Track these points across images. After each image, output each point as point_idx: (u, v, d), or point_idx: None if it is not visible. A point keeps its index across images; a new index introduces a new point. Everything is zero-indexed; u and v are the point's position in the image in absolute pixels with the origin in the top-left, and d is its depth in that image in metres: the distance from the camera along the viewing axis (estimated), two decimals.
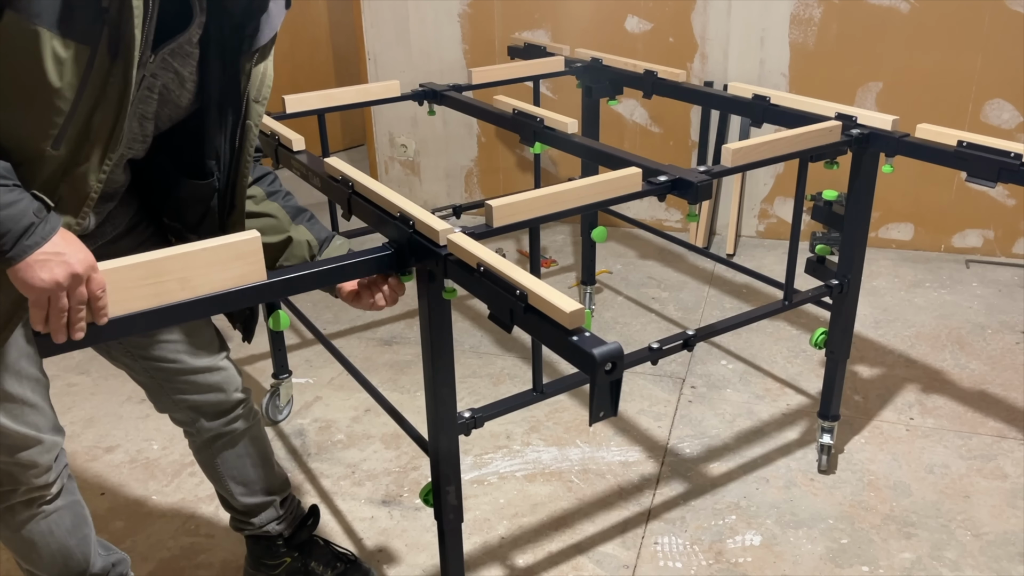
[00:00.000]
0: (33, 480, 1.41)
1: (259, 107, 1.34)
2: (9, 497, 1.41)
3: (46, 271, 1.07)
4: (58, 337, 1.10)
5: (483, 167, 3.97)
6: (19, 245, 1.07)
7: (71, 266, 1.08)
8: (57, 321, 1.09)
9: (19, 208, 1.07)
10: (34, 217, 1.08)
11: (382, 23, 3.82)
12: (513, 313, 1.12)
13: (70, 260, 1.09)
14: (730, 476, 2.16)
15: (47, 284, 1.07)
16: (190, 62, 1.27)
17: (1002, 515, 2.00)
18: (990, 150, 1.61)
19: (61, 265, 1.08)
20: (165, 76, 1.25)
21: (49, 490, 1.45)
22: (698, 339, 1.76)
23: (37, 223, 1.09)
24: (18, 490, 1.41)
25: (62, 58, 1.07)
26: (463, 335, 2.89)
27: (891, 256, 3.42)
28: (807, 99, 1.94)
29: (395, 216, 1.36)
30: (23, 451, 1.36)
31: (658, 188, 1.55)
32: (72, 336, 1.11)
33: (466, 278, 1.21)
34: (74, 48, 1.07)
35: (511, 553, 1.94)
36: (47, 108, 1.10)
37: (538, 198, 1.41)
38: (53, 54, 1.06)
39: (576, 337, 1.02)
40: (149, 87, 1.24)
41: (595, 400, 1.02)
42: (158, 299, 1.16)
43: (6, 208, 1.06)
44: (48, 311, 1.09)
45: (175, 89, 1.28)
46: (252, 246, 1.21)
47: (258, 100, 1.33)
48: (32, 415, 1.35)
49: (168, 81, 1.26)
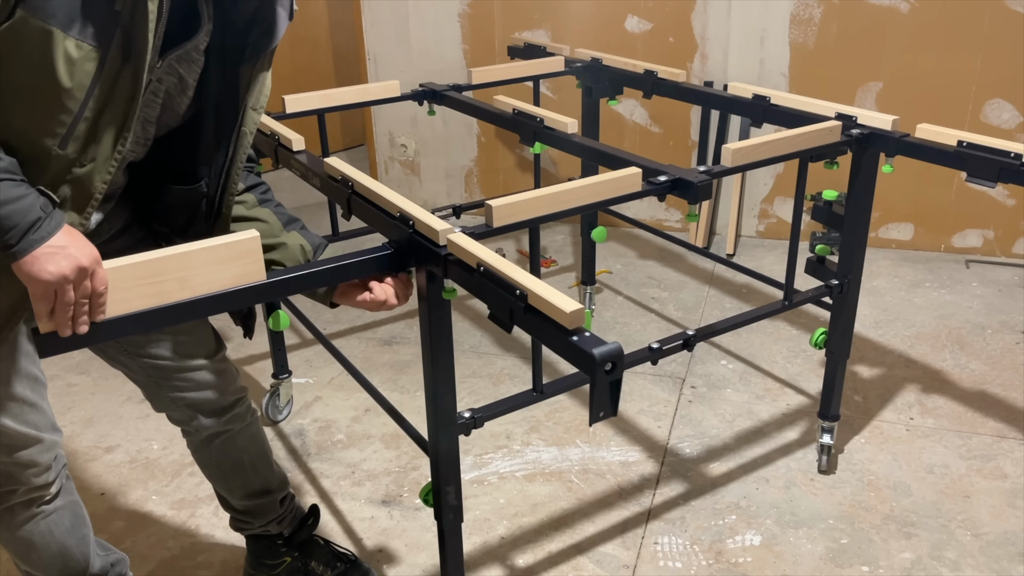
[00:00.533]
0: (32, 480, 1.41)
1: (256, 115, 1.35)
2: (8, 498, 1.41)
3: (53, 264, 1.08)
4: (64, 331, 1.11)
5: (483, 167, 3.98)
6: (25, 239, 1.07)
7: (77, 259, 1.09)
8: (63, 315, 1.10)
9: (26, 203, 1.08)
10: (40, 212, 1.09)
11: (382, 23, 3.82)
12: (513, 313, 1.12)
13: (75, 254, 1.10)
14: (730, 476, 2.16)
15: (54, 277, 1.08)
16: (195, 68, 1.28)
17: (1002, 515, 2.00)
18: (990, 150, 1.61)
19: (67, 258, 1.09)
20: (169, 81, 1.26)
21: (48, 490, 1.44)
22: (698, 339, 1.76)
23: (43, 218, 1.09)
24: (17, 491, 1.41)
25: (74, 59, 1.08)
26: (463, 335, 2.89)
27: (891, 256, 3.42)
28: (807, 99, 1.94)
29: (395, 216, 1.36)
30: (23, 450, 1.36)
31: (658, 188, 1.55)
32: (76, 330, 1.12)
33: (466, 278, 1.21)
34: (86, 49, 1.08)
35: (511, 553, 1.94)
36: (56, 107, 1.11)
37: (538, 198, 1.41)
38: (65, 54, 1.07)
39: (576, 337, 1.02)
40: (154, 91, 1.25)
41: (595, 400, 1.02)
42: (157, 299, 1.16)
43: (13, 202, 1.07)
44: (54, 305, 1.09)
45: (176, 95, 1.29)
46: (251, 246, 1.21)
47: (255, 108, 1.34)
48: (32, 414, 1.35)
49: (171, 87, 1.27)
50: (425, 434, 1.53)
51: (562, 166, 3.77)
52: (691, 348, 1.76)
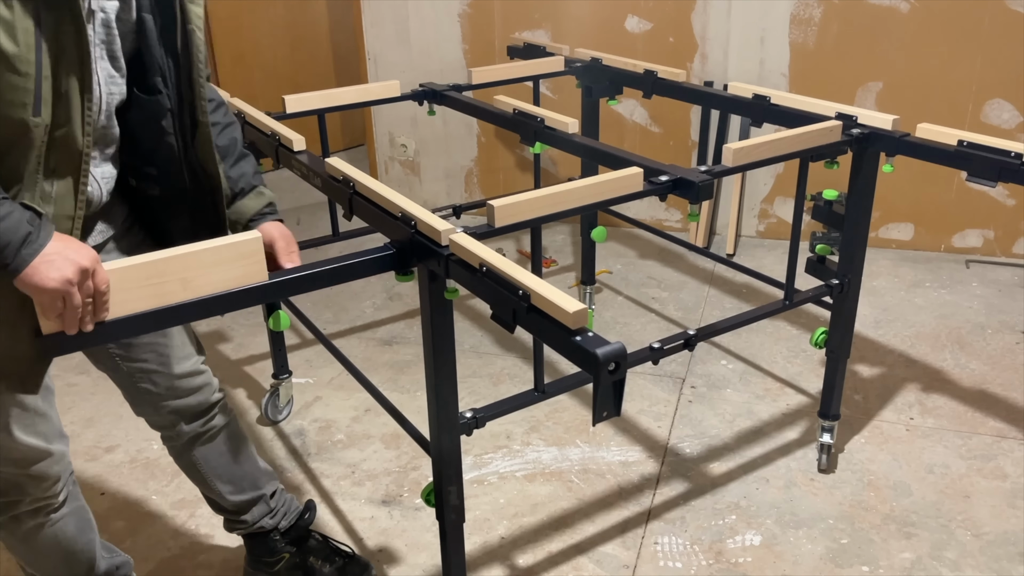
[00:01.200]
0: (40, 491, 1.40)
1: (196, 8, 1.31)
2: (15, 507, 1.41)
3: (54, 270, 1.09)
4: (71, 330, 1.12)
5: (483, 167, 3.97)
6: (20, 256, 1.10)
7: (77, 261, 1.10)
8: (73, 317, 1.11)
9: (13, 220, 1.09)
10: (29, 226, 1.10)
11: (382, 23, 3.82)
12: (516, 313, 1.12)
13: (74, 256, 1.10)
14: (730, 476, 2.16)
15: (58, 283, 1.09)
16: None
17: (1002, 515, 2.00)
18: (991, 149, 1.61)
19: (67, 262, 1.10)
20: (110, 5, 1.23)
21: (55, 499, 1.44)
22: (699, 339, 1.76)
23: (32, 231, 1.10)
24: (24, 500, 1.40)
25: (9, 20, 1.07)
26: (463, 335, 2.88)
27: (891, 256, 3.42)
28: (807, 99, 1.94)
29: (397, 216, 1.36)
30: (34, 464, 1.36)
31: (659, 188, 1.55)
32: (83, 328, 1.13)
33: (468, 278, 1.21)
34: (16, 8, 1.08)
35: (511, 553, 1.94)
36: (15, 76, 1.10)
37: (540, 198, 1.41)
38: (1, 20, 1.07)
39: (579, 337, 1.02)
40: (105, 24, 1.23)
41: (599, 400, 1.02)
42: (160, 299, 1.16)
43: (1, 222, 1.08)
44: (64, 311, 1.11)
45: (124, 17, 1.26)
46: (254, 246, 1.21)
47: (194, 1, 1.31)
48: (42, 424, 1.35)
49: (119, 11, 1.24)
50: (426, 434, 1.53)
51: (562, 166, 3.77)
52: (692, 348, 1.76)
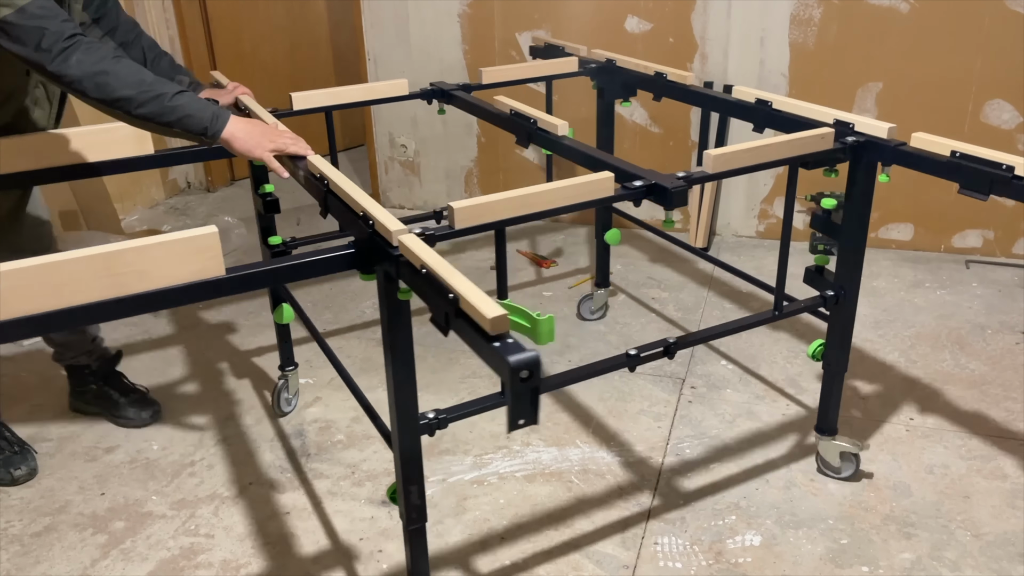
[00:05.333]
0: None
1: None
2: None
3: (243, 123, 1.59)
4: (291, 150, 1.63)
5: (483, 167, 3.98)
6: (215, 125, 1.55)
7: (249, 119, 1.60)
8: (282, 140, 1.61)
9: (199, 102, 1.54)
10: (208, 102, 1.56)
11: (382, 23, 3.82)
12: (448, 316, 1.12)
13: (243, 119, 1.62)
14: (730, 476, 2.16)
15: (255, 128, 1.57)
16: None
17: (1002, 515, 2.00)
18: (982, 161, 1.57)
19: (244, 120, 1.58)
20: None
21: None
22: (679, 347, 1.75)
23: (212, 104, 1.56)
24: None
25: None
26: None
27: (891, 256, 3.43)
28: (808, 105, 1.91)
29: (359, 215, 1.37)
30: None
31: (632, 193, 1.53)
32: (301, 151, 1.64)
33: (415, 280, 1.22)
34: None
35: (511, 553, 1.94)
36: None
37: (504, 200, 1.40)
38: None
39: (497, 343, 1.02)
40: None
41: (513, 408, 1.01)
42: (117, 290, 1.18)
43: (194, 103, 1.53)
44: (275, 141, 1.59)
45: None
46: (210, 241, 1.22)
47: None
48: None
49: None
50: None
51: (564, 167, 3.77)
52: (672, 356, 1.74)
